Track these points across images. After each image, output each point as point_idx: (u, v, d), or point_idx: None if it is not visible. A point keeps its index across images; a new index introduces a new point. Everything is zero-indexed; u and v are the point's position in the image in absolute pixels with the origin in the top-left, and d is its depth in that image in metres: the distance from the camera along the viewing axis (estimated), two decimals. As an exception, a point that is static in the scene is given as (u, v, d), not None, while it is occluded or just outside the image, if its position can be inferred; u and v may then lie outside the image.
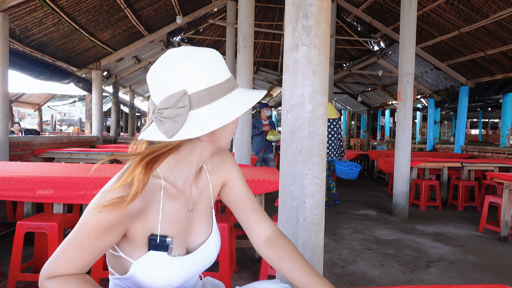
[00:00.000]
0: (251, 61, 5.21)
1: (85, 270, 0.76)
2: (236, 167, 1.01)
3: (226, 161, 0.99)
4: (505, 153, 6.68)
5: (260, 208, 1.01)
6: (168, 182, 0.82)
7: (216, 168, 0.97)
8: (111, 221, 0.72)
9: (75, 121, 20.75)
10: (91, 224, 0.72)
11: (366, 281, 2.76)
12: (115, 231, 0.74)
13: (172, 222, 0.83)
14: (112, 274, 0.86)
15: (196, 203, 0.90)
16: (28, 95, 11.80)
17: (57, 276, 0.72)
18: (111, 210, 0.71)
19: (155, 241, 0.78)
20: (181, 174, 0.84)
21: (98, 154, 5.28)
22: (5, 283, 2.39)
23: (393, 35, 7.93)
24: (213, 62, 0.75)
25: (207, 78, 0.73)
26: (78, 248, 0.72)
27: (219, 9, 9.05)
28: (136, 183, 0.72)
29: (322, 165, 1.84)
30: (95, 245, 0.73)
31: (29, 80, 7.45)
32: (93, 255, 0.74)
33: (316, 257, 1.84)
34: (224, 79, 0.76)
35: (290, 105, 1.80)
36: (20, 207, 3.49)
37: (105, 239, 0.73)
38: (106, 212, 0.71)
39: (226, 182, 0.99)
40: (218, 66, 0.76)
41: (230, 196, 1.00)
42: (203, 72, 0.73)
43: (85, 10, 5.79)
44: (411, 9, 4.89)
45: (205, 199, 0.94)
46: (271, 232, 0.98)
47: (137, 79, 11.27)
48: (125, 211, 0.72)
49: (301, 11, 1.73)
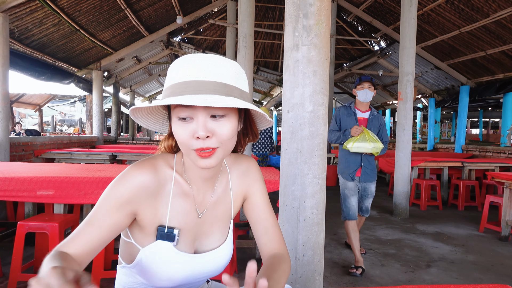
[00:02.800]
0: (252, 61, 5.21)
1: (91, 250, 0.73)
2: (260, 183, 0.97)
3: (252, 174, 0.96)
4: (506, 153, 6.67)
5: (274, 228, 0.95)
6: (180, 176, 0.84)
7: (241, 178, 0.94)
8: (123, 197, 0.76)
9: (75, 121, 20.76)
10: (104, 198, 0.76)
11: (367, 281, 2.76)
12: (124, 210, 0.77)
13: (180, 219, 0.84)
14: (120, 263, 0.89)
15: (208, 210, 0.89)
16: (28, 95, 11.82)
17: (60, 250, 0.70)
18: (125, 185, 0.77)
19: (163, 231, 0.82)
20: (193, 174, 0.85)
21: (99, 154, 5.28)
22: (6, 284, 2.39)
23: (394, 35, 7.92)
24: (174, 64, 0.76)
25: (169, 78, 0.76)
26: (88, 222, 0.75)
27: (219, 9, 9.05)
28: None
29: (323, 165, 1.83)
30: (103, 221, 0.75)
31: (29, 81, 7.44)
32: (100, 233, 0.74)
33: (317, 257, 1.84)
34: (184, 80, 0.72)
35: (290, 105, 1.80)
36: (20, 207, 3.49)
37: (114, 216, 0.76)
38: (119, 187, 0.76)
39: (247, 197, 0.96)
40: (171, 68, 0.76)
41: (248, 212, 0.97)
42: (170, 73, 0.77)
43: (85, 10, 5.79)
44: (412, 8, 4.89)
45: (224, 208, 0.92)
46: (275, 253, 0.93)
47: (138, 79, 11.28)
48: (138, 187, 0.77)
49: (301, 11, 1.73)
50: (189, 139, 0.73)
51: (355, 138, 2.91)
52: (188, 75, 0.72)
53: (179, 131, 0.74)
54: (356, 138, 2.91)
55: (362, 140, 2.90)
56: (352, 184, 3.04)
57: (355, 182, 3.04)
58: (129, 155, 5.26)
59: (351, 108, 3.10)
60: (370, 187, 3.09)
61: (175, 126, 0.74)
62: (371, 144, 2.89)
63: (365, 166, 3.04)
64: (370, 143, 2.89)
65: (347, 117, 3.07)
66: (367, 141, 2.89)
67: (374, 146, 2.89)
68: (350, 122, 3.04)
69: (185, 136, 0.73)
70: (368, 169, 3.05)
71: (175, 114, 0.74)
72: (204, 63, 0.73)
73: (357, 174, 3.05)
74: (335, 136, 3.06)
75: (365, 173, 3.04)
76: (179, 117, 0.73)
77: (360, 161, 3.03)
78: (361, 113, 3.10)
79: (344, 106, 3.14)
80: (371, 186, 3.10)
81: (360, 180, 3.06)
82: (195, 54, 0.75)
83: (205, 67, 0.73)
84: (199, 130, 0.71)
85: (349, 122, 3.05)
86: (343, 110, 3.10)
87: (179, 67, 0.74)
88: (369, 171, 3.06)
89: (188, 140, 0.73)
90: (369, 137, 2.89)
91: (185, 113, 0.72)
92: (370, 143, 2.88)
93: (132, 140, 9.32)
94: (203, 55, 0.75)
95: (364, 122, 3.09)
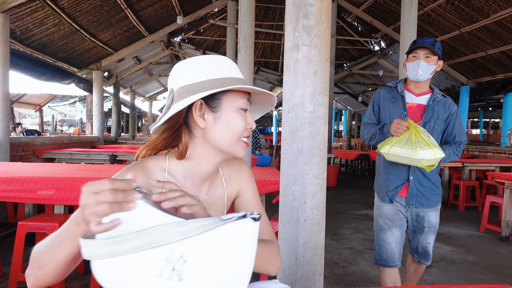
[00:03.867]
0: (252, 61, 5.22)
1: None
2: (252, 183, 1.00)
3: (243, 173, 0.99)
4: (506, 153, 6.67)
5: (264, 224, 0.97)
6: (172, 176, 0.84)
7: (233, 177, 0.97)
8: None
9: (76, 121, 20.78)
10: None
11: (367, 281, 2.76)
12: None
13: None
14: None
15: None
16: (29, 95, 11.82)
17: None
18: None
19: None
20: (189, 172, 0.86)
21: (99, 154, 5.28)
22: (6, 284, 2.39)
23: (394, 35, 7.92)
24: (198, 64, 0.82)
25: (187, 77, 0.81)
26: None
27: (220, 10, 9.05)
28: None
29: (323, 165, 1.84)
30: None
31: (30, 81, 7.45)
32: None
33: (317, 257, 1.84)
34: (206, 78, 0.80)
35: (290, 105, 1.80)
36: (21, 207, 3.49)
37: None
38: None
39: (239, 196, 0.99)
40: (201, 67, 0.82)
41: (239, 210, 0.99)
42: (185, 72, 0.82)
43: (85, 10, 5.79)
44: (412, 9, 4.89)
45: (218, 206, 0.94)
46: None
47: (138, 79, 11.28)
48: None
49: (302, 11, 1.73)
50: (244, 128, 0.84)
51: (394, 139, 1.79)
52: (232, 73, 0.83)
53: (241, 120, 0.83)
54: (396, 139, 1.78)
55: (405, 144, 1.76)
56: (391, 209, 1.96)
57: (396, 206, 1.95)
58: (130, 155, 5.26)
59: (397, 89, 1.99)
60: (428, 216, 1.94)
61: (237, 116, 0.83)
62: (420, 152, 1.71)
63: (416, 181, 1.92)
64: (418, 150, 1.71)
65: (391, 102, 1.99)
66: (413, 146, 1.73)
67: (425, 155, 1.71)
68: (394, 112, 1.96)
69: (243, 125, 0.84)
70: (423, 185, 1.91)
71: (237, 104, 0.83)
72: (236, 66, 0.87)
73: (401, 193, 1.95)
74: (368, 133, 2.02)
75: (417, 192, 1.91)
76: (242, 108, 0.84)
77: (408, 172, 1.93)
78: (414, 97, 1.97)
79: (386, 87, 2.06)
80: (430, 215, 1.94)
81: (408, 204, 1.94)
82: (222, 56, 0.86)
83: (238, 69, 0.86)
84: (252, 121, 0.86)
85: (392, 111, 1.97)
86: (384, 93, 2.03)
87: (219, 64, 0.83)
88: (425, 190, 1.91)
89: (244, 129, 0.84)
90: (419, 139, 1.73)
91: (247, 105, 0.85)
92: (417, 150, 1.72)
93: (133, 140, 9.32)
94: (192, 58, 0.84)
95: (418, 112, 1.95)
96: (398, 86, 2.00)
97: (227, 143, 0.83)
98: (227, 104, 0.82)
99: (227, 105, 0.82)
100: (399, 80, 2.06)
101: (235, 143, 0.84)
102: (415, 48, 1.89)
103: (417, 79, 1.91)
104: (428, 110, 1.92)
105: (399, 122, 1.77)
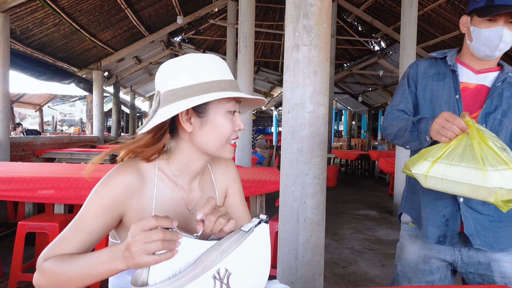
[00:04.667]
0: (252, 61, 5.21)
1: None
2: (238, 183, 1.02)
3: (230, 173, 1.01)
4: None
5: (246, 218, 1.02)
6: (164, 174, 0.84)
7: (222, 176, 0.99)
8: (110, 200, 0.76)
9: (76, 121, 20.77)
10: (90, 202, 0.77)
11: (367, 281, 2.76)
12: (112, 212, 0.77)
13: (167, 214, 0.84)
14: None
15: (198, 205, 0.90)
16: (29, 95, 11.82)
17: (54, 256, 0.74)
18: (110, 189, 0.77)
19: None
20: (179, 171, 0.86)
21: (99, 154, 5.28)
22: (6, 283, 2.39)
23: (394, 35, 7.92)
24: (184, 66, 0.80)
25: (173, 81, 0.79)
26: (76, 227, 0.76)
27: (220, 9, 9.05)
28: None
29: (323, 165, 1.84)
30: (92, 225, 0.76)
31: (30, 81, 7.45)
32: (90, 236, 0.76)
33: (317, 257, 1.84)
34: (193, 82, 0.78)
35: (290, 105, 1.80)
36: (21, 207, 3.49)
37: (102, 219, 0.76)
38: (105, 191, 0.77)
39: (228, 195, 1.01)
40: (188, 70, 0.79)
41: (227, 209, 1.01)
42: (171, 75, 0.80)
43: (86, 10, 5.80)
44: (412, 9, 4.89)
45: None
46: None
47: (138, 79, 11.28)
48: (122, 188, 0.77)
49: (302, 11, 1.73)
50: (232, 131, 0.83)
51: (438, 149, 1.02)
52: (220, 75, 0.80)
53: (228, 123, 0.82)
54: (443, 149, 1.01)
55: (460, 159, 0.97)
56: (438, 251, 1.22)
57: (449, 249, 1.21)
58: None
59: (446, 61, 1.28)
60: (498, 262, 1.17)
61: (223, 120, 0.81)
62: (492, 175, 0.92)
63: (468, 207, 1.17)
64: (488, 171, 0.92)
65: (435, 80, 1.27)
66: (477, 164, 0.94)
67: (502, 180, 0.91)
68: (440, 95, 1.25)
69: (231, 128, 0.82)
70: (491, 216, 1.17)
71: (225, 108, 0.81)
72: (225, 65, 0.84)
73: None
74: (393, 126, 1.23)
75: (483, 228, 1.16)
76: (230, 111, 0.82)
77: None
78: (472, 75, 1.25)
79: (429, 59, 1.33)
80: (502, 261, 1.17)
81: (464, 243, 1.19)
82: (210, 55, 0.82)
83: (227, 68, 0.83)
84: (242, 123, 0.84)
85: (437, 93, 1.26)
86: (425, 66, 1.31)
87: (207, 65, 0.80)
88: (495, 226, 1.17)
89: (232, 132, 0.83)
90: (487, 152, 0.94)
91: (235, 107, 0.83)
92: (486, 170, 0.92)
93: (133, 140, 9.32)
94: (179, 59, 0.82)
95: (477, 97, 1.23)
96: (448, 57, 1.26)
97: (213, 147, 0.83)
98: (214, 108, 0.81)
99: (214, 110, 0.81)
100: (448, 50, 1.31)
101: (222, 147, 0.83)
102: (493, 6, 1.09)
103: (491, 55, 1.19)
104: (493, 95, 1.18)
105: (449, 118, 0.98)
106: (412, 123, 1.13)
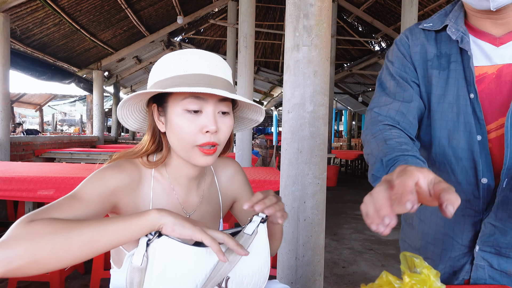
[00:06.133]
0: (252, 61, 5.21)
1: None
2: (248, 186, 0.99)
3: (238, 180, 0.96)
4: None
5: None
6: (161, 176, 0.82)
7: (228, 182, 0.95)
8: (110, 186, 0.71)
9: (76, 121, 20.79)
10: (90, 180, 0.71)
11: (367, 281, 2.76)
12: (108, 198, 0.71)
13: None
14: (112, 268, 0.86)
15: (197, 210, 0.88)
16: (29, 95, 11.83)
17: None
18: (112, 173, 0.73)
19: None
20: (173, 175, 0.83)
21: (99, 154, 5.28)
22: (6, 283, 2.39)
23: (394, 35, 7.92)
24: (167, 59, 0.75)
25: (151, 75, 0.77)
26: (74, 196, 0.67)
27: (220, 9, 9.06)
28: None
29: (323, 165, 1.84)
30: (91, 198, 0.68)
31: (30, 81, 7.47)
32: (88, 208, 0.66)
33: (317, 257, 1.84)
34: (166, 76, 0.72)
35: (291, 105, 1.80)
36: (21, 207, 3.49)
37: (100, 198, 0.69)
38: (106, 174, 0.72)
39: (237, 200, 0.98)
40: (166, 63, 0.74)
41: (236, 213, 1.00)
42: (153, 70, 0.77)
43: (86, 10, 5.80)
44: (412, 9, 4.89)
45: (213, 208, 0.92)
46: None
47: (138, 79, 11.28)
48: (121, 179, 0.74)
49: (302, 11, 1.73)
50: (196, 133, 0.70)
51: None
52: (199, 68, 0.71)
53: (186, 124, 0.70)
54: None
55: None
56: None
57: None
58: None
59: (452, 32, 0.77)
60: None
61: (180, 119, 0.70)
62: None
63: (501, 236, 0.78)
64: None
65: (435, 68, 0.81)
66: None
67: None
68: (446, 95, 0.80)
69: (192, 130, 0.70)
70: None
71: (180, 106, 0.70)
72: (213, 60, 0.74)
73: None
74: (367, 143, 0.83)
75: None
76: (187, 110, 0.70)
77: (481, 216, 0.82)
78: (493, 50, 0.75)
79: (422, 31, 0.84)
80: None
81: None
82: (196, 50, 0.75)
83: (215, 64, 0.74)
84: (210, 124, 0.70)
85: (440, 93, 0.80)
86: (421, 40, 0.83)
87: (184, 60, 0.73)
88: None
89: (195, 134, 0.70)
90: None
91: (196, 106, 0.70)
92: None
93: (133, 140, 9.33)
94: (202, 51, 0.75)
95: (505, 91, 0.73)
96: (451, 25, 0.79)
97: (180, 150, 0.74)
98: (171, 106, 0.72)
99: (171, 107, 0.72)
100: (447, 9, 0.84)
101: (188, 151, 0.72)
102: None
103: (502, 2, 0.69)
104: None
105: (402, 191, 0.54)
106: (380, 159, 0.74)
